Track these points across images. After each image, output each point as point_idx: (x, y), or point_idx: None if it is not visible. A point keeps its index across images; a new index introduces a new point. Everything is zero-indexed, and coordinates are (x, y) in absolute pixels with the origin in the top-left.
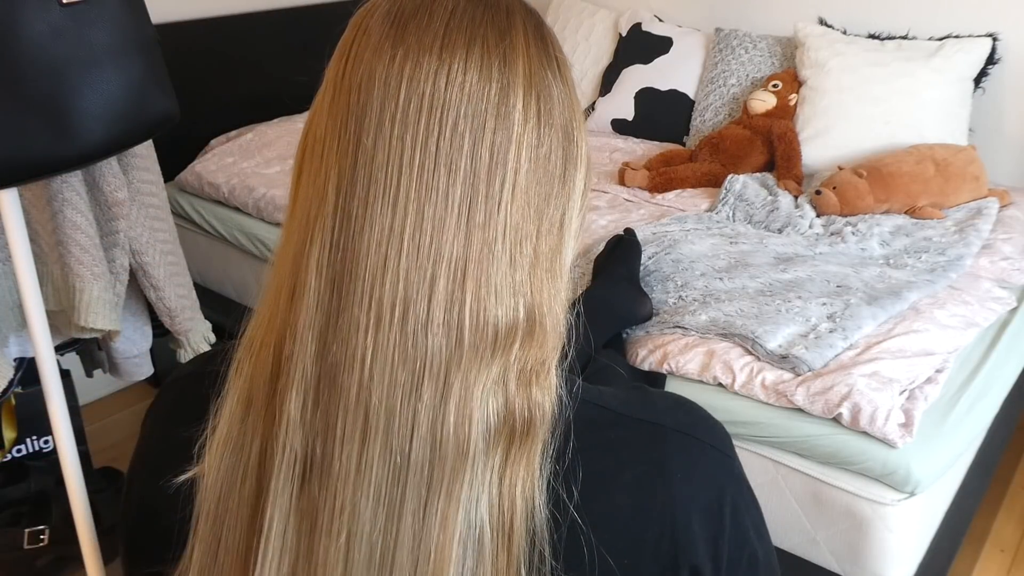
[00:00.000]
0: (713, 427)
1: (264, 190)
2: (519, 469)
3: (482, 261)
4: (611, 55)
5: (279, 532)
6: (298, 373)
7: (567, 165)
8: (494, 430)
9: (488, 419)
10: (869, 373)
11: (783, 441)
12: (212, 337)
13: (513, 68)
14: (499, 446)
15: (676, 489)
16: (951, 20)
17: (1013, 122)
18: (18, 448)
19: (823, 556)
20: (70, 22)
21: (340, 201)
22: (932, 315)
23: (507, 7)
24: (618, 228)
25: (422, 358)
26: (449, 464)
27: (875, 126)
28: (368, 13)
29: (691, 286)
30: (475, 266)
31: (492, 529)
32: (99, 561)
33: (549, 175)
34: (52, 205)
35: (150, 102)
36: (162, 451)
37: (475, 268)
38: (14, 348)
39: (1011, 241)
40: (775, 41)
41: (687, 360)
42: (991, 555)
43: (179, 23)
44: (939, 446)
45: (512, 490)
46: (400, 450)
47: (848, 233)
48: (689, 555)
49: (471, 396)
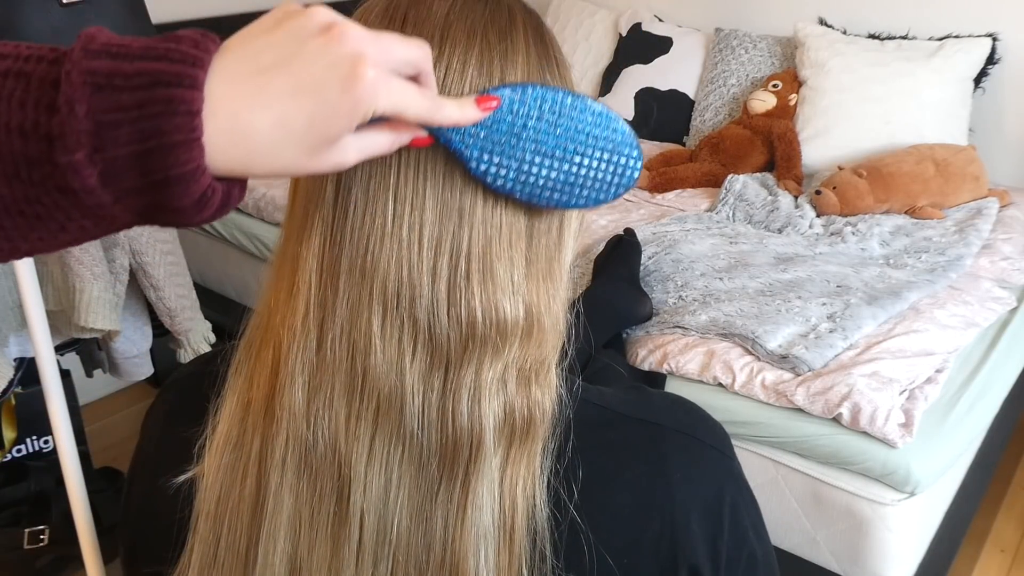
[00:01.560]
0: (713, 427)
1: (264, 190)
2: (520, 468)
3: (482, 257)
4: (611, 55)
5: (280, 530)
6: (298, 367)
7: None
8: (496, 427)
9: (492, 415)
10: (869, 373)
11: (783, 441)
12: (212, 337)
13: (514, 67)
14: (500, 444)
15: (675, 489)
16: (951, 20)
17: (1013, 122)
18: (18, 448)
19: (823, 556)
20: (70, 22)
21: (339, 194)
22: (932, 315)
23: (508, 7)
24: (618, 228)
25: (428, 349)
26: (462, 458)
27: (875, 126)
28: (367, 11)
29: (691, 286)
30: (476, 262)
31: (494, 527)
32: (99, 561)
33: None
34: None
35: None
36: (162, 451)
37: (476, 264)
38: (14, 348)
39: (1011, 241)
40: (775, 41)
41: (687, 360)
42: (991, 555)
43: (179, 23)
44: (939, 446)
45: (513, 488)
46: (409, 443)
47: (848, 233)
48: (688, 555)
49: (480, 388)
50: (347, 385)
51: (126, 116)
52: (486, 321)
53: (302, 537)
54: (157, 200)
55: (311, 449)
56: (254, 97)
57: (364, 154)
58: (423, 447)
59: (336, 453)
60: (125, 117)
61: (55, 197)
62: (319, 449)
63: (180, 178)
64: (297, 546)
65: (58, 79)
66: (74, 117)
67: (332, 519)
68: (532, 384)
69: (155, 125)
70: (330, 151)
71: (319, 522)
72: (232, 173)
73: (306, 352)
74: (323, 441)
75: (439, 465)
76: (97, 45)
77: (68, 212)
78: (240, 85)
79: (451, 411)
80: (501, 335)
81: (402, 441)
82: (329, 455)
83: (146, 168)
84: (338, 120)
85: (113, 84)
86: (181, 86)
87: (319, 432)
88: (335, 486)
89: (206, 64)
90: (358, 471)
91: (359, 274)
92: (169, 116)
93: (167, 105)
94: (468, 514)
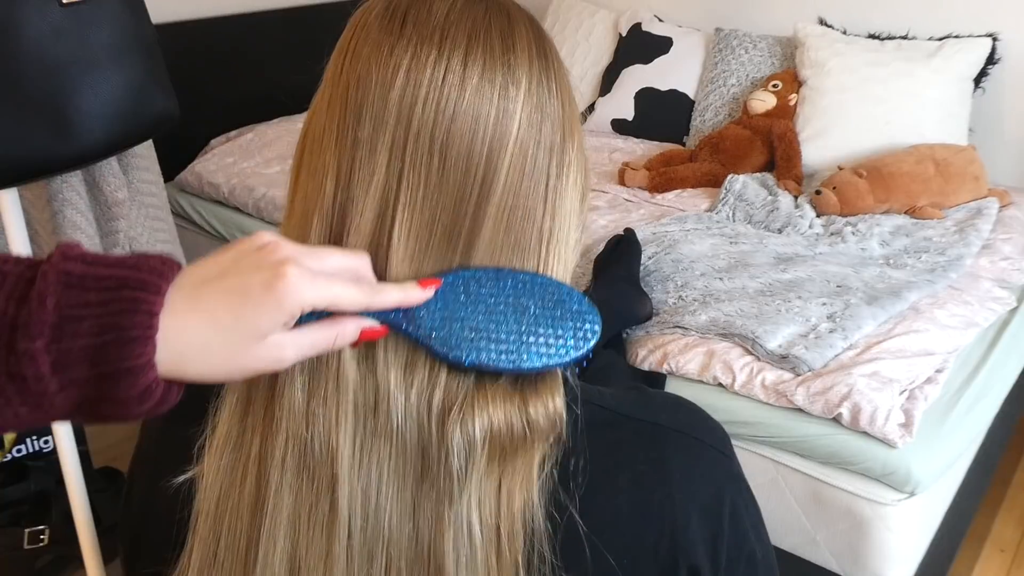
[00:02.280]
0: (712, 427)
1: (264, 190)
2: (517, 468)
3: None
4: (611, 55)
5: (279, 530)
6: (298, 365)
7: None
8: (493, 429)
9: (488, 417)
10: (869, 373)
11: (783, 441)
12: None
13: (515, 68)
14: (497, 445)
15: (675, 489)
16: (951, 20)
17: (1013, 122)
18: (18, 448)
19: (823, 556)
20: (70, 22)
21: (338, 194)
22: (932, 315)
23: (508, 10)
24: (618, 228)
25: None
26: (455, 459)
27: (875, 126)
28: (367, 11)
29: (691, 286)
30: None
31: (490, 528)
32: (99, 561)
33: (536, 182)
34: (52, 205)
35: (150, 102)
36: (162, 451)
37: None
38: None
39: (1011, 241)
40: (775, 41)
41: (687, 360)
42: (991, 555)
43: (179, 23)
44: (939, 446)
45: (511, 489)
46: (402, 442)
47: (848, 233)
48: (688, 555)
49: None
50: (338, 383)
51: (90, 312)
52: None
53: (301, 536)
54: (101, 391)
55: (309, 448)
56: (190, 301)
57: (304, 350)
58: (407, 444)
59: (329, 451)
60: (89, 312)
61: (2, 382)
62: (316, 448)
63: (130, 371)
64: (296, 545)
65: (34, 278)
66: (42, 308)
67: (327, 517)
68: (531, 384)
69: (115, 321)
70: (263, 348)
71: (315, 521)
72: (168, 373)
73: None
74: (319, 440)
75: (423, 463)
76: (75, 253)
77: (9, 398)
78: (182, 293)
79: (431, 408)
80: None
81: (389, 439)
82: (324, 454)
83: (98, 359)
84: (263, 315)
85: (84, 284)
86: (146, 291)
87: (316, 431)
88: (329, 484)
89: (169, 278)
90: (344, 468)
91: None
92: (131, 314)
93: (131, 304)
94: (452, 511)
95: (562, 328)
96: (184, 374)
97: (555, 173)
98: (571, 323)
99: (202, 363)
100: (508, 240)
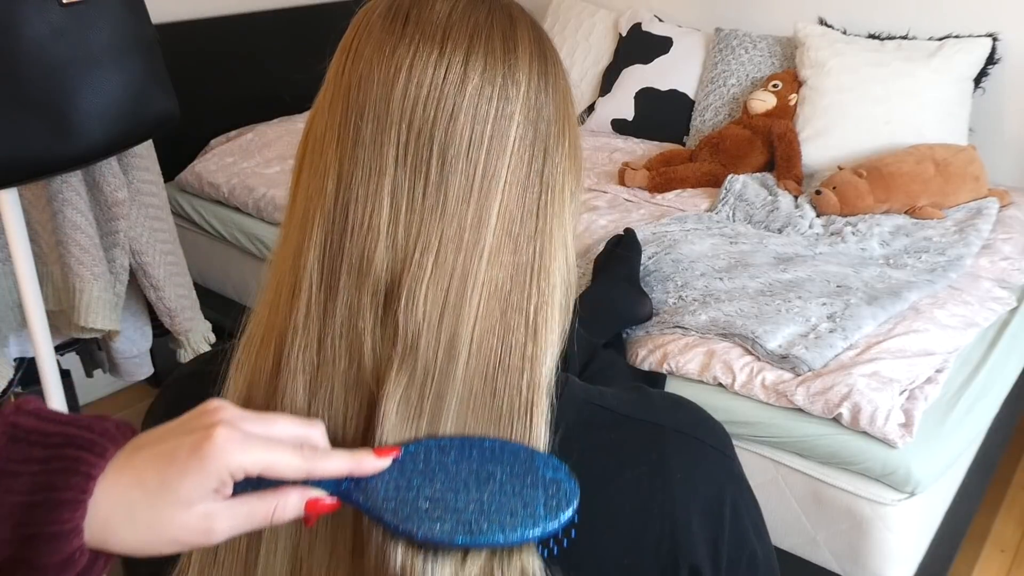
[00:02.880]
0: (713, 427)
1: (264, 190)
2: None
3: (475, 259)
4: (611, 55)
5: (280, 530)
6: (299, 366)
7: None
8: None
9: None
10: (869, 373)
11: (783, 441)
12: (212, 337)
13: (515, 73)
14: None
15: (676, 489)
16: (951, 20)
17: (1013, 122)
18: None
19: (823, 556)
20: (70, 22)
21: (340, 194)
22: (932, 315)
23: (509, 11)
24: (618, 228)
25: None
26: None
27: (875, 126)
28: (369, 11)
29: (691, 286)
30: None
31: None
32: None
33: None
34: (52, 205)
35: (150, 102)
36: None
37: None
38: (14, 348)
39: (1011, 241)
40: (775, 41)
41: (687, 360)
42: (991, 555)
43: (179, 23)
44: (939, 446)
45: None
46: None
47: (848, 233)
48: (689, 555)
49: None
50: (345, 384)
51: (28, 468)
52: None
53: (302, 536)
54: (20, 555)
55: None
56: (123, 464)
57: (239, 521)
58: None
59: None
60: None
61: None
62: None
63: (54, 535)
64: (298, 545)
65: None
66: None
67: (329, 517)
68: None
69: (51, 480)
70: (191, 517)
71: (317, 520)
72: (93, 540)
73: (307, 351)
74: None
75: None
76: (29, 407)
77: None
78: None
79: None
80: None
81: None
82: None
83: (24, 520)
84: (186, 478)
85: (30, 439)
86: (91, 452)
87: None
88: None
89: (120, 443)
90: None
91: (357, 274)
92: (68, 474)
93: (71, 463)
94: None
95: (530, 497)
96: (107, 543)
97: (548, 173)
98: (541, 491)
99: (126, 531)
100: (508, 242)
